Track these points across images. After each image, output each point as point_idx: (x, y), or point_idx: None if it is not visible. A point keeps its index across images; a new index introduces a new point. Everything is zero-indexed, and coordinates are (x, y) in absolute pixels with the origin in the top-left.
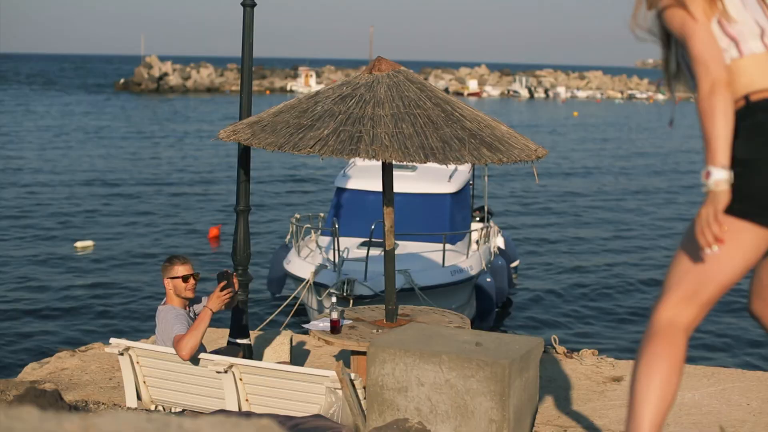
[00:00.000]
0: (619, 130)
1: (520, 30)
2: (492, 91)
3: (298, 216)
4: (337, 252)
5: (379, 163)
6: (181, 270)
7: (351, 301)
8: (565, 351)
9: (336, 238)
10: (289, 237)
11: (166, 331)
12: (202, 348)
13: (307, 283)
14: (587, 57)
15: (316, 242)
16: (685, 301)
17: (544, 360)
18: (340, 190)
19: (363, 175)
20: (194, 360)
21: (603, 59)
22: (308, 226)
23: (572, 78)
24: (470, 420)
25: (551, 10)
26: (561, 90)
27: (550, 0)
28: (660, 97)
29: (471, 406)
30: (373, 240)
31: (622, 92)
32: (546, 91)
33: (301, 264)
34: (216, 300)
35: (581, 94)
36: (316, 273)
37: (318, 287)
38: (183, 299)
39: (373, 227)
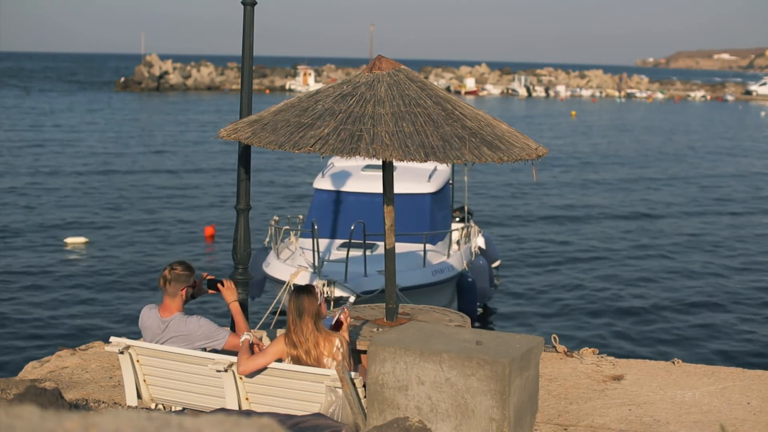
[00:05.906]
0: (618, 129)
1: (521, 29)
2: (491, 89)
3: (276, 218)
4: (316, 253)
5: (357, 164)
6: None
7: (332, 303)
8: (566, 350)
9: (315, 240)
10: (268, 239)
11: (210, 336)
12: (201, 347)
13: (287, 285)
14: (587, 56)
15: (296, 244)
16: None
17: (545, 359)
18: (319, 192)
19: (341, 177)
20: (194, 359)
21: (603, 58)
22: (287, 228)
23: (572, 77)
24: (470, 419)
25: (552, 10)
26: (561, 88)
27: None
28: (659, 96)
29: (471, 404)
30: (352, 241)
31: (620, 91)
32: (547, 90)
33: (281, 266)
34: (230, 293)
35: (585, 93)
36: (295, 275)
37: None
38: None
39: (352, 228)
